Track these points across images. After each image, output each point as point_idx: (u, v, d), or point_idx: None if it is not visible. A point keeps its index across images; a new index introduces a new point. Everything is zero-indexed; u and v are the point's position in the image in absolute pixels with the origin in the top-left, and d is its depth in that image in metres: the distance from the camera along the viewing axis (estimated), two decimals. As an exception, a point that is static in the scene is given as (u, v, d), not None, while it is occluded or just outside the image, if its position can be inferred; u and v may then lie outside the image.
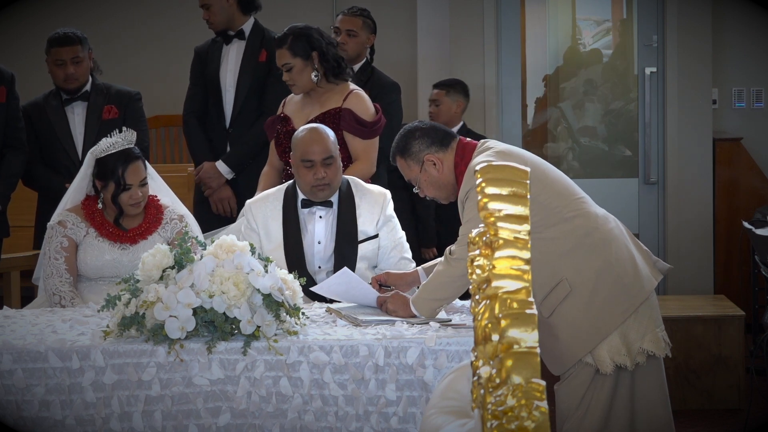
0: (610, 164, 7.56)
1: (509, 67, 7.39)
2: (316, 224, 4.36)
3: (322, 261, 4.34)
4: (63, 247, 4.37)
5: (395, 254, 4.38)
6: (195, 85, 5.74)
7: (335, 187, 4.34)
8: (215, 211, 5.57)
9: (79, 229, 4.41)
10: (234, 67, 5.63)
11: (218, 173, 5.56)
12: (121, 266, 4.37)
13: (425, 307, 3.79)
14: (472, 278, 2.24)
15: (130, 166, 4.35)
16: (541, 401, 1.97)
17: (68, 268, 4.35)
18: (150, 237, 4.43)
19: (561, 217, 3.71)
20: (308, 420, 3.50)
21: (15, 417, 3.47)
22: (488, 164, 2.30)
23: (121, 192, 4.35)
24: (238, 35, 5.64)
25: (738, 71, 7.62)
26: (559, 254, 3.68)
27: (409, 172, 3.93)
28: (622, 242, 3.76)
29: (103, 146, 4.38)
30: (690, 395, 5.65)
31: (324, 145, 4.30)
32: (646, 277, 3.73)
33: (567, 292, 3.66)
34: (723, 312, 5.74)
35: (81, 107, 5.45)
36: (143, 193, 4.40)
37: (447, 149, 3.88)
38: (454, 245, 3.76)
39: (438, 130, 3.93)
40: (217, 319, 3.47)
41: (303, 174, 4.31)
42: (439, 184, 3.90)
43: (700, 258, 7.27)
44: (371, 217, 4.36)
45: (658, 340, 3.71)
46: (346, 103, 4.97)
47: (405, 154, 3.91)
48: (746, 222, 5.98)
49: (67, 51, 5.35)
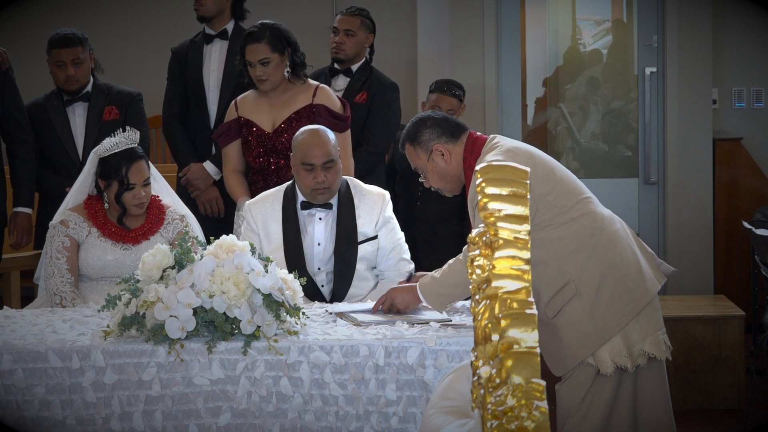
0: (610, 164, 7.56)
1: (509, 68, 7.38)
2: (316, 226, 4.36)
3: (321, 262, 4.35)
4: (65, 247, 4.37)
5: (394, 255, 4.38)
6: (174, 86, 5.68)
7: (335, 190, 4.34)
8: (203, 212, 5.53)
9: (82, 229, 4.40)
10: (217, 66, 5.60)
11: (206, 174, 5.53)
12: (123, 266, 4.37)
13: (437, 300, 3.79)
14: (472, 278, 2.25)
15: (133, 165, 4.35)
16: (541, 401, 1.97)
17: (69, 268, 4.35)
18: (152, 237, 4.43)
19: (568, 217, 3.70)
20: (308, 420, 3.50)
21: (15, 417, 3.47)
22: (488, 164, 2.30)
23: (124, 191, 4.35)
24: (220, 35, 5.62)
25: (738, 71, 7.61)
26: (565, 254, 3.67)
27: (416, 160, 3.92)
28: (627, 244, 3.75)
29: (107, 145, 4.38)
30: (690, 395, 5.65)
31: (325, 149, 4.29)
32: (649, 279, 3.73)
33: (573, 293, 3.65)
34: (723, 312, 5.74)
35: (82, 108, 5.44)
36: (146, 192, 4.39)
37: (457, 141, 3.88)
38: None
39: (450, 122, 3.93)
40: (217, 319, 3.47)
41: (303, 177, 4.30)
42: (445, 176, 3.89)
43: (700, 258, 7.27)
44: (370, 218, 4.36)
45: (659, 343, 3.70)
46: (316, 99, 4.98)
47: (414, 141, 3.90)
48: (746, 222, 5.98)
49: (67, 52, 5.33)
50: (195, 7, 5.61)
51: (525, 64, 7.50)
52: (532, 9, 7.53)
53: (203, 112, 5.61)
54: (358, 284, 4.33)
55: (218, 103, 5.59)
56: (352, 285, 4.30)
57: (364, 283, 4.34)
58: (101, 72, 5.54)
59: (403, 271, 4.35)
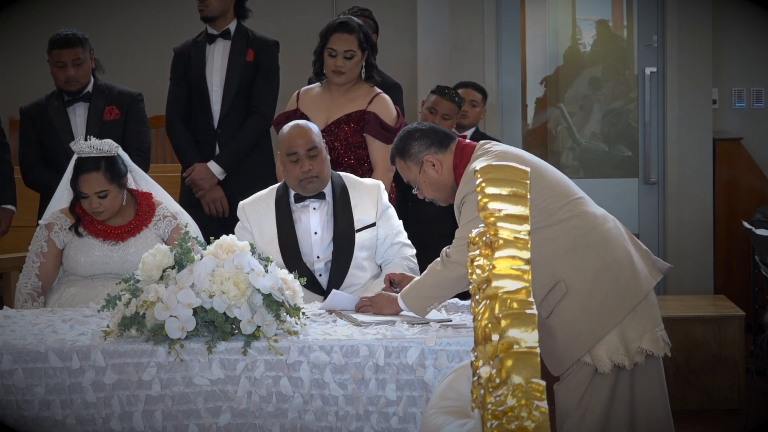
0: (610, 164, 7.56)
1: (509, 68, 7.39)
2: (311, 215, 4.37)
3: (320, 250, 4.36)
4: (42, 252, 4.40)
5: (396, 242, 4.40)
6: (177, 86, 5.68)
7: (324, 179, 4.35)
8: (208, 212, 5.54)
9: (66, 232, 4.41)
10: (220, 66, 5.61)
11: (211, 174, 5.53)
12: (111, 262, 4.39)
13: (417, 304, 3.81)
14: (472, 278, 2.25)
15: (81, 176, 4.33)
16: (541, 401, 1.97)
17: (40, 273, 4.39)
18: (140, 234, 4.43)
19: (557, 218, 3.72)
20: (308, 420, 3.50)
21: (15, 417, 3.47)
22: (488, 164, 2.30)
23: (80, 199, 4.36)
24: (223, 35, 5.62)
25: (738, 71, 7.62)
26: (556, 255, 3.68)
27: (408, 173, 3.95)
28: (620, 242, 3.75)
29: (83, 146, 4.38)
30: (690, 395, 5.65)
31: (307, 137, 4.31)
32: (644, 276, 3.73)
33: (564, 292, 3.66)
34: (723, 312, 5.74)
35: (83, 108, 5.44)
36: (102, 203, 4.35)
37: (446, 150, 3.89)
38: (451, 247, 3.78)
39: (437, 132, 3.94)
40: (217, 319, 3.47)
41: (290, 169, 4.32)
42: (438, 186, 3.91)
43: (700, 258, 7.27)
44: (368, 206, 4.38)
45: (657, 340, 3.70)
46: (371, 107, 4.99)
47: (404, 155, 3.92)
48: (746, 222, 5.98)
49: (68, 53, 5.32)
50: (200, 7, 5.60)
51: (525, 64, 7.50)
52: (532, 9, 7.53)
53: (206, 112, 5.61)
54: (356, 273, 4.33)
55: (221, 103, 5.59)
56: (350, 274, 4.31)
57: (362, 272, 4.35)
58: (102, 72, 5.53)
59: (406, 256, 4.36)
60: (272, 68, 5.66)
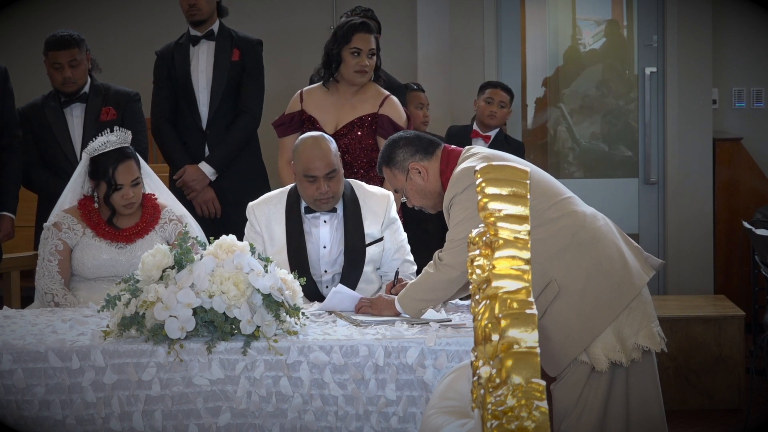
0: (610, 164, 7.56)
1: (509, 68, 7.39)
2: (321, 229, 4.31)
3: (328, 264, 4.31)
4: (57, 250, 4.37)
5: (398, 256, 4.36)
6: (162, 89, 5.67)
7: (339, 197, 4.29)
8: (200, 213, 5.52)
9: (75, 231, 4.40)
10: (206, 67, 5.60)
11: (202, 175, 5.53)
12: (118, 265, 4.37)
13: (411, 306, 3.82)
14: (472, 278, 2.24)
15: (120, 165, 4.33)
16: (541, 401, 1.97)
17: (60, 270, 4.36)
18: (147, 236, 4.42)
19: (546, 218, 3.71)
20: (308, 420, 3.50)
21: (15, 417, 3.47)
22: (488, 164, 2.30)
23: (112, 192, 4.34)
24: (206, 36, 5.61)
25: (738, 71, 7.62)
26: (547, 255, 3.68)
27: (395, 181, 3.95)
28: (610, 239, 3.75)
29: (96, 145, 4.37)
30: (690, 395, 5.65)
31: (327, 160, 4.21)
32: (636, 273, 3.73)
33: (556, 292, 3.66)
34: (723, 312, 5.74)
35: (79, 109, 5.42)
36: (135, 193, 4.37)
37: (432, 157, 3.90)
38: (443, 250, 3.78)
39: (422, 139, 3.95)
40: (217, 319, 3.47)
41: (306, 187, 4.24)
42: (425, 193, 3.91)
43: (700, 258, 7.27)
44: (376, 219, 4.34)
45: (653, 335, 3.71)
46: (382, 109, 4.98)
47: (390, 163, 3.93)
48: (746, 222, 5.98)
49: (64, 54, 5.29)
50: (191, 12, 5.58)
51: (525, 64, 7.50)
52: (532, 9, 7.53)
53: (194, 114, 5.60)
54: (364, 287, 4.28)
55: (209, 105, 5.58)
56: (358, 288, 4.25)
57: (370, 285, 4.30)
58: (99, 72, 5.52)
59: (406, 273, 4.33)
60: (258, 68, 5.65)
